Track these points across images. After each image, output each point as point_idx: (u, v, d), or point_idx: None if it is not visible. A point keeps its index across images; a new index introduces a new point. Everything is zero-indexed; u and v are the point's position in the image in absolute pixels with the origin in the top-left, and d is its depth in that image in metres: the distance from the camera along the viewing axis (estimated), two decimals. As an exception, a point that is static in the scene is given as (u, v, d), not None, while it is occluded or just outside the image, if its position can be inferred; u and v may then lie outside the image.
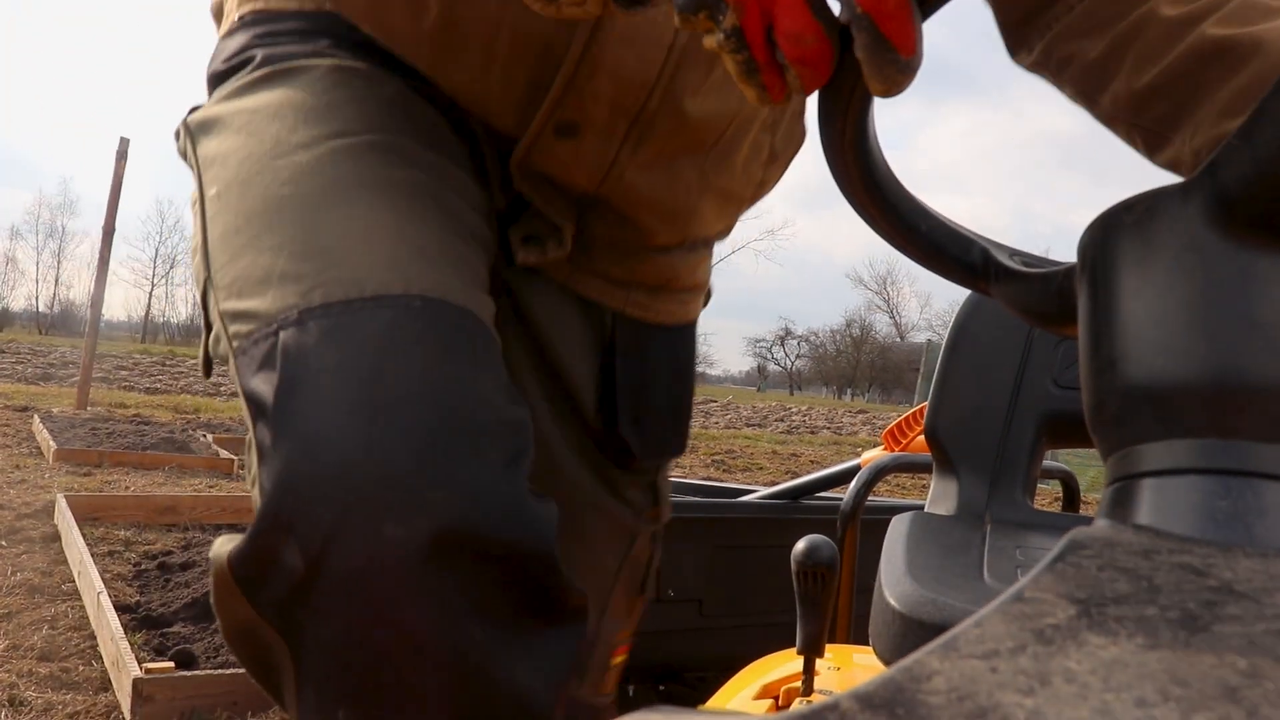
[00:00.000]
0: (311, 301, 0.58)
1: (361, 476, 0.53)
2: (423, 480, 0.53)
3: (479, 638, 0.56)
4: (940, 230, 0.56)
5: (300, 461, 0.54)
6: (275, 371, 0.57)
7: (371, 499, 0.53)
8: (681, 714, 0.27)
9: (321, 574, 0.53)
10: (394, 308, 0.58)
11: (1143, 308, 0.35)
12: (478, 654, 0.56)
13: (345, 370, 0.56)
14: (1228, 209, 0.34)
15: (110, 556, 2.85)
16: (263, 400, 0.57)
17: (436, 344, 0.58)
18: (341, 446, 0.53)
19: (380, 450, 0.53)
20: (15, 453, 4.71)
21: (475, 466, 0.55)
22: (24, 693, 1.79)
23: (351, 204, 0.64)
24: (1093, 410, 0.38)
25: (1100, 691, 0.24)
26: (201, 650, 2.05)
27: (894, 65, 0.46)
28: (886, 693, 0.25)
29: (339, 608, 0.54)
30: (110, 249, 6.94)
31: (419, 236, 0.64)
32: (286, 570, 0.54)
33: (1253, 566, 0.29)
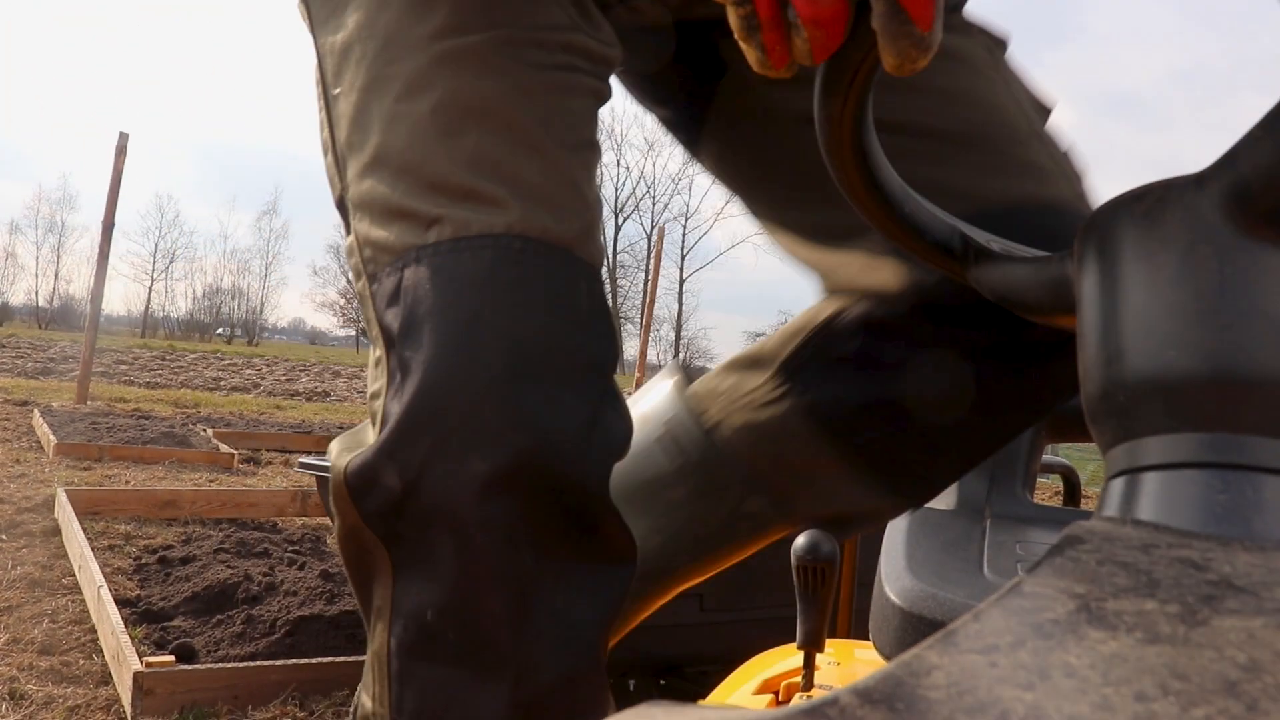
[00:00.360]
0: (426, 239, 0.65)
1: (453, 415, 0.61)
2: (504, 421, 0.61)
3: (537, 568, 0.64)
4: (922, 213, 0.56)
5: (409, 399, 0.62)
6: (399, 307, 0.65)
7: (459, 436, 0.61)
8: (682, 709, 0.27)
9: (413, 496, 0.62)
10: (495, 248, 0.64)
11: (1151, 299, 0.35)
12: (535, 582, 0.64)
13: (448, 314, 0.63)
14: (1245, 201, 0.33)
15: (110, 550, 2.85)
16: (391, 334, 0.65)
17: (529, 288, 0.64)
18: (440, 388, 0.62)
19: (470, 393, 0.61)
20: (15, 447, 4.71)
21: (551, 411, 0.63)
22: (24, 686, 1.79)
23: (463, 132, 0.67)
24: (1095, 402, 0.37)
25: (1100, 686, 0.24)
26: (202, 644, 2.05)
27: (909, 39, 0.44)
28: (886, 687, 0.25)
29: (425, 527, 0.63)
30: (110, 244, 6.94)
31: (525, 166, 0.67)
32: (386, 489, 0.63)
33: (1252, 560, 0.29)
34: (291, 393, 11.29)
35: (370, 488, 0.64)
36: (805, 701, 0.25)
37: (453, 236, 0.64)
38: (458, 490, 0.61)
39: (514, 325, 0.63)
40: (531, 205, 0.66)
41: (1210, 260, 0.34)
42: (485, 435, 0.61)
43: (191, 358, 17.27)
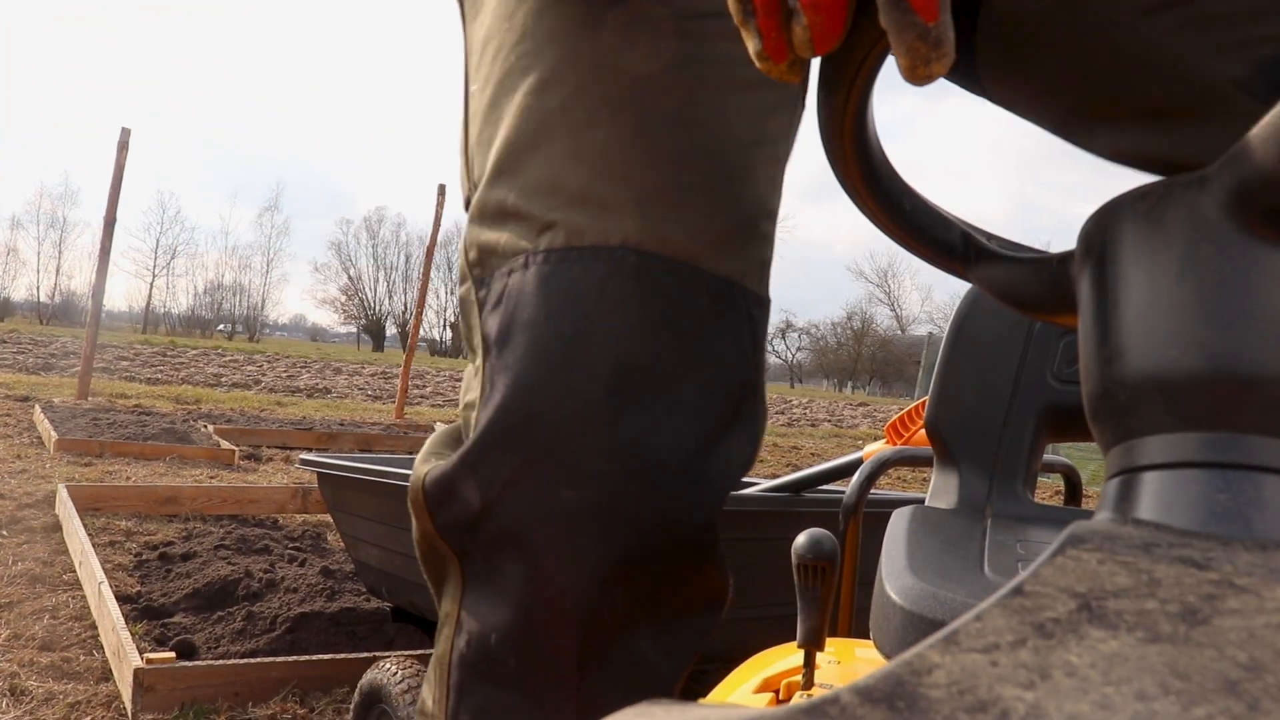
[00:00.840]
0: (537, 245, 0.61)
1: (545, 437, 0.57)
2: (600, 449, 0.57)
3: (619, 607, 0.60)
4: (922, 210, 0.56)
5: (499, 411, 0.59)
6: (500, 314, 0.61)
7: (549, 460, 0.57)
8: (682, 707, 0.27)
9: (490, 516, 0.59)
10: (608, 261, 0.59)
11: (1152, 298, 0.35)
12: (620, 623, 0.60)
13: (548, 326, 0.58)
14: (1248, 200, 0.33)
15: (111, 547, 2.85)
16: (489, 340, 0.61)
17: (640, 307, 0.59)
18: (533, 404, 0.58)
19: (565, 414, 0.57)
20: (16, 443, 4.71)
21: (654, 442, 0.58)
22: (25, 682, 1.80)
23: (592, 129, 0.62)
24: (1096, 400, 0.37)
25: (1101, 685, 0.24)
26: (202, 641, 2.06)
27: (914, 31, 0.42)
28: (887, 686, 0.25)
29: (499, 549, 0.60)
30: (111, 239, 6.94)
31: (655, 169, 0.62)
32: (463, 503, 0.60)
33: (1253, 560, 0.29)
34: (292, 389, 11.29)
35: (447, 500, 0.61)
36: (806, 700, 0.25)
37: (564, 245, 0.60)
38: (540, 519, 0.58)
39: (619, 346, 0.58)
40: (655, 213, 0.61)
41: (1213, 259, 0.34)
42: (578, 462, 0.57)
43: (193, 354, 17.27)
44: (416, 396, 11.77)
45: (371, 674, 1.51)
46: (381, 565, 1.61)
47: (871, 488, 1.42)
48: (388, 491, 1.52)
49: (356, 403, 9.88)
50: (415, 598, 1.55)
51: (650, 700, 0.26)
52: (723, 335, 0.63)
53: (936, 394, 1.12)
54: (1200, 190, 0.35)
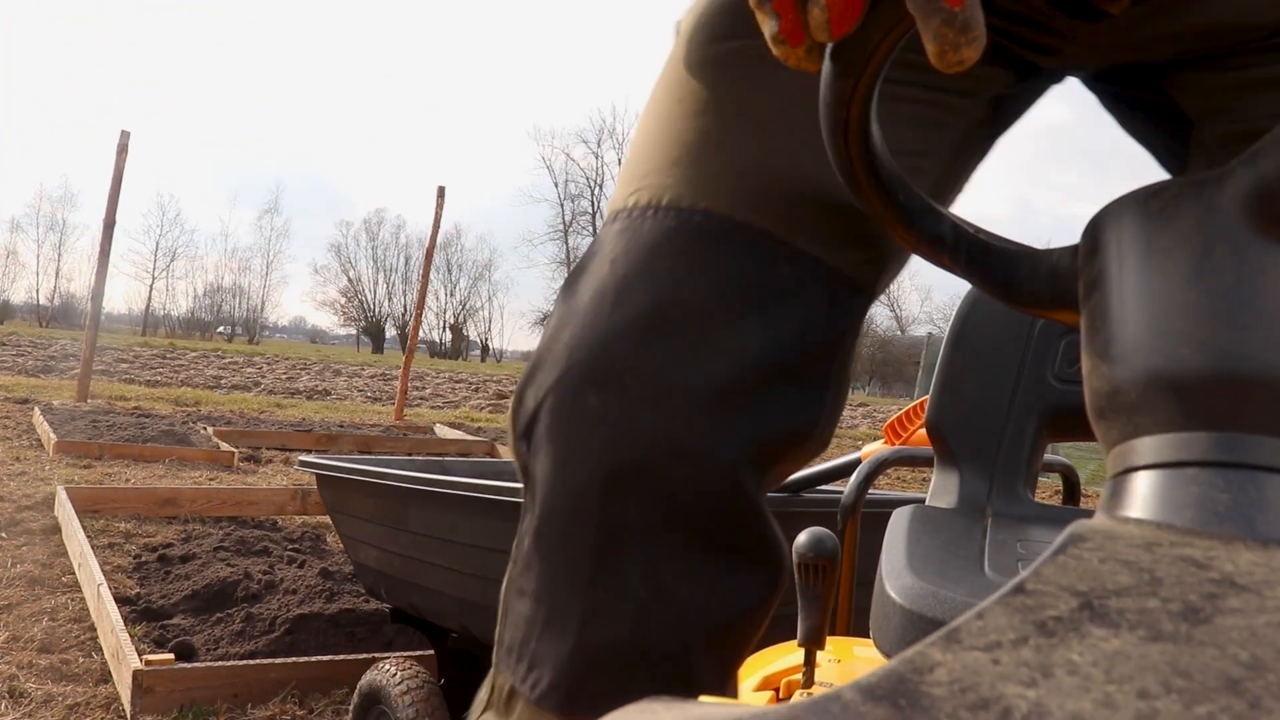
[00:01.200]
0: (625, 204, 0.70)
1: (580, 350, 0.64)
2: (628, 367, 0.63)
3: (632, 522, 0.63)
4: (915, 202, 0.56)
5: (553, 329, 0.68)
6: (581, 259, 0.71)
7: (581, 369, 0.64)
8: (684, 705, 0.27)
9: (537, 419, 0.66)
10: (677, 219, 0.67)
11: (1166, 297, 0.35)
12: (626, 537, 0.64)
13: (610, 265, 0.66)
14: (1265, 201, 0.33)
15: (110, 549, 2.85)
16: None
17: (693, 259, 0.65)
18: (576, 327, 0.65)
19: (600, 335, 0.64)
20: (16, 445, 4.71)
21: (678, 370, 0.63)
22: (24, 684, 1.79)
23: (701, 113, 0.70)
24: (1106, 395, 0.37)
25: (1102, 683, 0.24)
26: (201, 642, 2.06)
27: (940, 15, 0.41)
28: (889, 684, 0.25)
29: (538, 451, 0.66)
30: (111, 242, 6.94)
31: (744, 150, 0.68)
32: (525, 412, 0.67)
33: (1254, 559, 0.29)
34: (292, 391, 11.29)
35: (517, 409, 0.69)
36: (809, 698, 0.25)
37: (646, 204, 0.68)
38: (565, 419, 0.64)
39: (660, 289, 0.64)
40: (735, 188, 0.67)
41: (1228, 259, 0.34)
42: (606, 374, 0.63)
43: (192, 356, 17.26)
44: (416, 398, 11.77)
45: (370, 675, 1.51)
46: (380, 566, 1.61)
47: (870, 488, 1.42)
48: (386, 493, 1.52)
49: (356, 404, 9.88)
50: (414, 599, 1.55)
51: (652, 697, 0.26)
52: (795, 303, 0.66)
53: (937, 394, 1.12)
54: (1217, 189, 0.34)
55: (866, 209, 0.56)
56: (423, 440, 6.01)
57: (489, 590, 1.35)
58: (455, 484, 1.36)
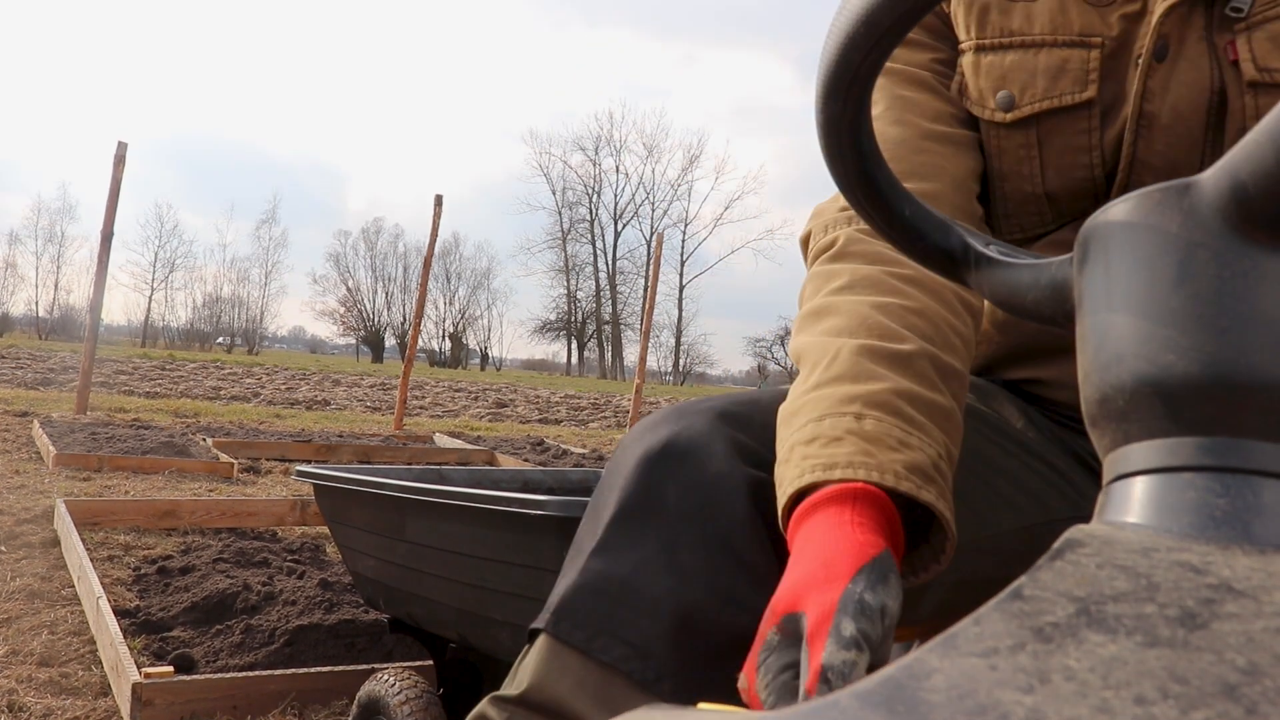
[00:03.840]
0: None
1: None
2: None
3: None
4: (922, 216, 0.56)
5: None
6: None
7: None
8: (680, 711, 0.27)
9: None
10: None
11: (1150, 302, 0.35)
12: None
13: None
14: (1245, 206, 0.33)
15: (110, 561, 2.84)
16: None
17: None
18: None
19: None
20: (15, 458, 4.71)
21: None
22: (23, 698, 1.79)
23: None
24: (1096, 403, 0.37)
25: (1099, 689, 0.24)
26: (201, 654, 2.05)
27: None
28: (887, 690, 0.25)
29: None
30: (109, 253, 6.94)
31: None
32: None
33: (1251, 564, 0.29)
34: (291, 401, 11.28)
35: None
36: (806, 704, 0.25)
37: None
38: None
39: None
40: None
41: (1209, 264, 0.34)
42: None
43: (191, 367, 17.26)
44: (416, 407, 11.76)
45: (370, 685, 1.51)
46: (378, 576, 1.61)
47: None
48: (383, 502, 1.52)
49: (355, 414, 9.87)
50: (413, 609, 1.55)
51: (649, 705, 0.26)
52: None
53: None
54: (1197, 195, 0.35)
55: (874, 226, 0.56)
56: (422, 449, 6.01)
57: (487, 600, 1.35)
58: (452, 493, 1.36)
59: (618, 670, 0.64)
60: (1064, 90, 0.81)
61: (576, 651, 0.66)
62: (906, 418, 0.65)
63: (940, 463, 0.65)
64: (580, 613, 0.67)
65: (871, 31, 0.44)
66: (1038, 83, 0.81)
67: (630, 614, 0.66)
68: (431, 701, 1.44)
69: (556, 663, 0.67)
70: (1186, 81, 0.76)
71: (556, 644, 0.67)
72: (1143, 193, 0.36)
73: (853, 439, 0.64)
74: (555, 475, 1.94)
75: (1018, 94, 0.83)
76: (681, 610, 0.65)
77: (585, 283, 55.34)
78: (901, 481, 0.61)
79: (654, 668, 0.64)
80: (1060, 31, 0.81)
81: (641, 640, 0.65)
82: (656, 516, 0.68)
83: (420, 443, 6.77)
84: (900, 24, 0.43)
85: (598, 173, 54.74)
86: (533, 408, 13.29)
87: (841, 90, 0.48)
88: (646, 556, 0.67)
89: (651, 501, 0.69)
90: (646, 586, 0.66)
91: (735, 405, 0.75)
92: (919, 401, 0.67)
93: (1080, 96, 0.80)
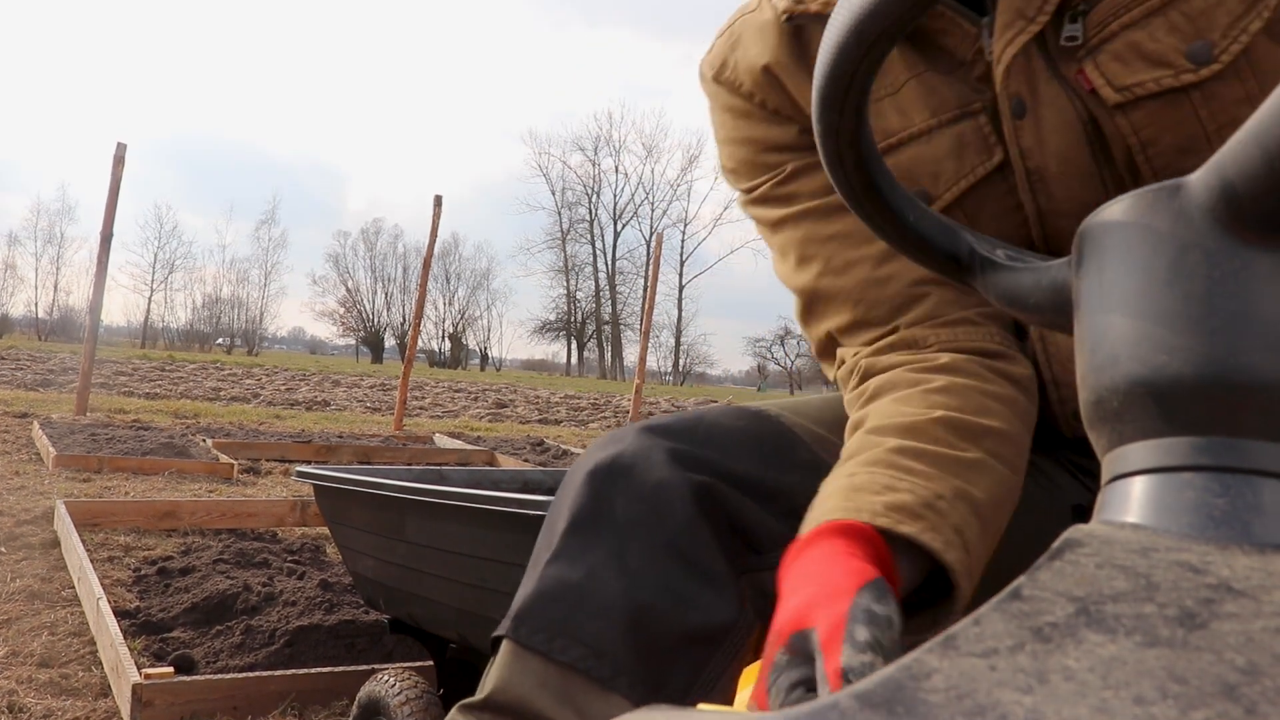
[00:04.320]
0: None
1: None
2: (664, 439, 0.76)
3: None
4: (927, 221, 0.56)
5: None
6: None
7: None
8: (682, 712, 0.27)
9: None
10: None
11: (1143, 304, 0.35)
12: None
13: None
14: (1233, 206, 0.33)
15: (110, 562, 2.84)
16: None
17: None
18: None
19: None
20: (15, 459, 4.71)
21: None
22: (23, 699, 1.79)
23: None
24: (1092, 405, 0.38)
25: (1099, 689, 0.24)
26: (201, 655, 2.05)
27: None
28: (886, 691, 0.25)
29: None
30: (108, 254, 6.94)
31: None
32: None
33: (1250, 564, 0.29)
34: (291, 402, 11.28)
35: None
36: (805, 705, 0.25)
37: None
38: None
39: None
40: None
41: (1199, 265, 0.34)
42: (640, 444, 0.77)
43: (191, 368, 17.26)
44: (415, 408, 11.76)
45: (370, 686, 1.51)
46: (378, 577, 1.61)
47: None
48: (383, 503, 1.52)
49: (355, 415, 9.87)
50: (413, 609, 1.55)
51: (651, 705, 0.26)
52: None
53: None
54: (1186, 196, 0.35)
55: (879, 234, 0.57)
56: (422, 450, 6.00)
57: (487, 600, 1.35)
58: (452, 494, 1.36)
59: (576, 669, 0.68)
60: (973, 165, 0.78)
61: (537, 654, 0.70)
62: (899, 467, 0.67)
63: (938, 502, 0.65)
64: (539, 617, 0.70)
65: (861, 40, 0.45)
66: (945, 168, 0.79)
67: (586, 616, 0.70)
68: (432, 702, 1.44)
69: (519, 665, 0.70)
70: (1056, 127, 0.74)
71: (518, 648, 0.71)
72: (1136, 194, 0.36)
73: (841, 492, 0.66)
74: (555, 476, 1.94)
75: (931, 185, 0.80)
76: (634, 610, 0.69)
77: (585, 283, 55.36)
78: (878, 518, 0.62)
79: (610, 665, 0.68)
80: (940, 111, 0.79)
81: (597, 640, 0.69)
82: (606, 525, 0.72)
83: (420, 443, 6.77)
84: (888, 33, 0.44)
85: (597, 173, 54.75)
86: (532, 408, 13.29)
87: (838, 100, 0.49)
88: (599, 562, 0.71)
89: (601, 512, 0.73)
90: (600, 590, 0.70)
91: (666, 419, 0.80)
92: (922, 455, 0.68)
93: (990, 164, 0.78)
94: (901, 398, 0.73)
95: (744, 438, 0.79)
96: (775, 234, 0.87)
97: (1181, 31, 0.68)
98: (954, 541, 0.64)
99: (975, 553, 0.66)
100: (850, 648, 0.51)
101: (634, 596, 0.70)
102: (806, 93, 0.81)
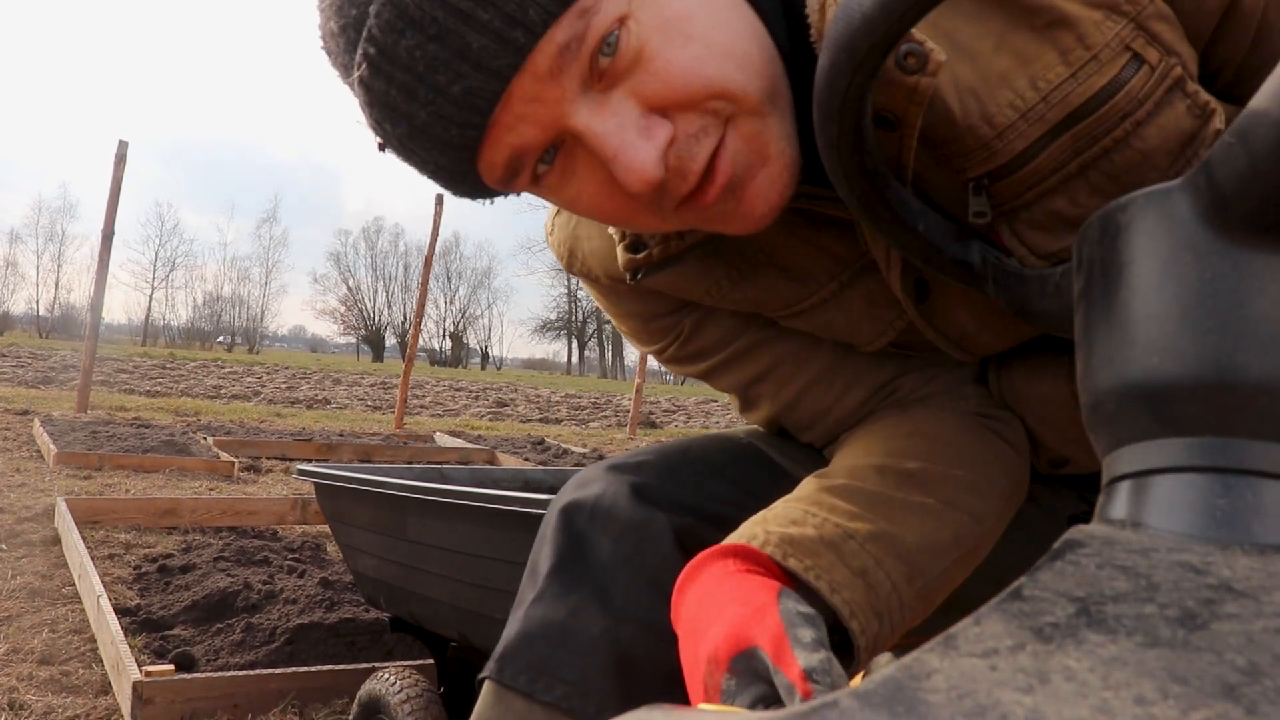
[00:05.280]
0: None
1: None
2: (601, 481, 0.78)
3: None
4: (937, 229, 0.56)
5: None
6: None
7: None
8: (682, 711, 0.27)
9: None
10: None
11: (1139, 306, 0.35)
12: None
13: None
14: (1223, 208, 0.33)
15: (110, 559, 2.84)
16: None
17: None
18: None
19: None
20: (16, 456, 4.71)
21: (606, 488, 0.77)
22: (24, 696, 1.79)
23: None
24: (1090, 409, 0.38)
25: (1099, 689, 0.24)
26: (201, 653, 2.05)
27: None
28: (887, 690, 0.25)
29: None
30: (110, 252, 6.94)
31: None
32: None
33: (1251, 565, 0.29)
34: (292, 400, 11.29)
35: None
36: (805, 704, 0.25)
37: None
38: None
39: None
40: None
41: (1190, 267, 0.34)
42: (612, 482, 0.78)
43: (192, 366, 17.26)
44: (416, 406, 11.76)
45: (370, 684, 1.51)
46: (379, 575, 1.61)
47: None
48: (384, 501, 1.52)
49: (356, 413, 9.87)
50: (413, 608, 1.55)
51: (650, 705, 0.26)
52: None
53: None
54: (1176, 199, 0.35)
55: (892, 244, 0.57)
56: (423, 449, 6.00)
57: (488, 599, 1.35)
58: (453, 492, 1.36)
59: (559, 708, 0.68)
60: (890, 320, 0.73)
61: (520, 695, 0.69)
62: (821, 504, 0.66)
63: (845, 542, 0.63)
64: (522, 658, 0.70)
65: (853, 56, 0.45)
66: (862, 328, 0.74)
67: (569, 655, 0.69)
68: (432, 700, 1.44)
69: (501, 706, 0.70)
70: (967, 301, 0.69)
71: (501, 689, 0.71)
72: (1129, 198, 0.36)
73: (753, 520, 0.66)
74: (556, 475, 1.94)
75: (851, 339, 0.76)
76: (618, 648, 0.69)
77: (586, 282, 55.18)
78: (768, 547, 0.62)
79: (595, 703, 0.68)
80: (838, 273, 0.71)
81: (581, 678, 0.68)
82: (590, 564, 0.73)
83: (421, 442, 6.77)
84: (877, 48, 0.44)
85: (599, 172, 54.54)
86: (533, 407, 13.29)
87: (835, 113, 0.49)
88: (582, 601, 0.71)
89: (584, 552, 0.73)
90: (583, 628, 0.70)
91: (642, 456, 0.80)
92: (855, 494, 0.67)
93: (907, 317, 0.72)
94: (869, 431, 0.75)
95: (722, 470, 0.79)
96: (708, 381, 0.85)
97: (1105, 193, 0.62)
98: (849, 583, 0.62)
99: (889, 596, 0.64)
100: (801, 650, 0.51)
101: (619, 634, 0.70)
102: (670, 282, 0.76)
